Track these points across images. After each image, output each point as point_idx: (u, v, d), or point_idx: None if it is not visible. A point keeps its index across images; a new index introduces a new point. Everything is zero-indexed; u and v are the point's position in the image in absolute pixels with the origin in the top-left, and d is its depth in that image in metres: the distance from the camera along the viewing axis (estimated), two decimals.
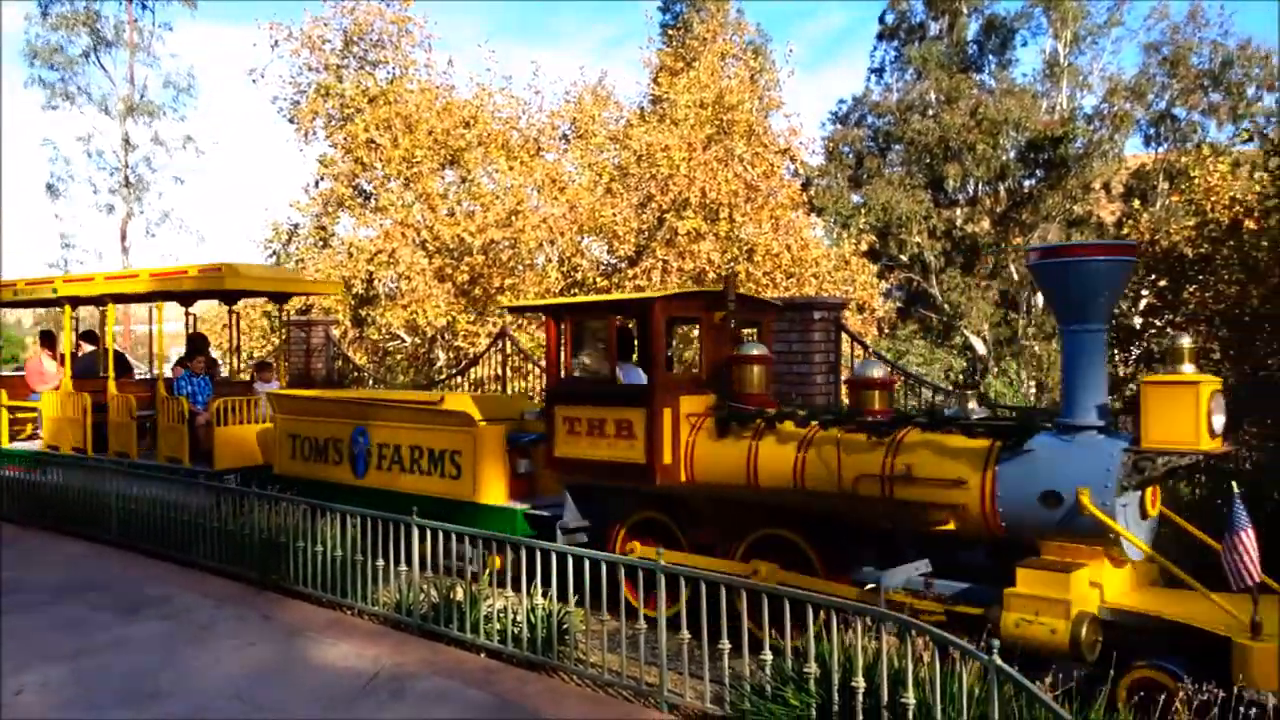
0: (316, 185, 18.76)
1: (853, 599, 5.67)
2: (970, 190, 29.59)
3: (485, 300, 16.57)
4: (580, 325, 7.87)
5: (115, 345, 13.43)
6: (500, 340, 13.93)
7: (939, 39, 30.75)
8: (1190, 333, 6.56)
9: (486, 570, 6.60)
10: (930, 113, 29.07)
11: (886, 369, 7.04)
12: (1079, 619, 5.14)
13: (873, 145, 30.87)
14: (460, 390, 14.47)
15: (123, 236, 30.95)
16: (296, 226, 18.97)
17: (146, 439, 11.63)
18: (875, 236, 24.03)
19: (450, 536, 6.97)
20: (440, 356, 17.62)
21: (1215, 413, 5.26)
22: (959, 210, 29.56)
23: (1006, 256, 28.48)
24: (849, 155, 30.59)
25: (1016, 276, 28.50)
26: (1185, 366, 5.36)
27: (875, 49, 32.93)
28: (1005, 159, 28.35)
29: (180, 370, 11.75)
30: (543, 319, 16.06)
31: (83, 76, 30.55)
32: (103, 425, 11.85)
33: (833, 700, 4.68)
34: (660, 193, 16.22)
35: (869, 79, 33.07)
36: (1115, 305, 5.58)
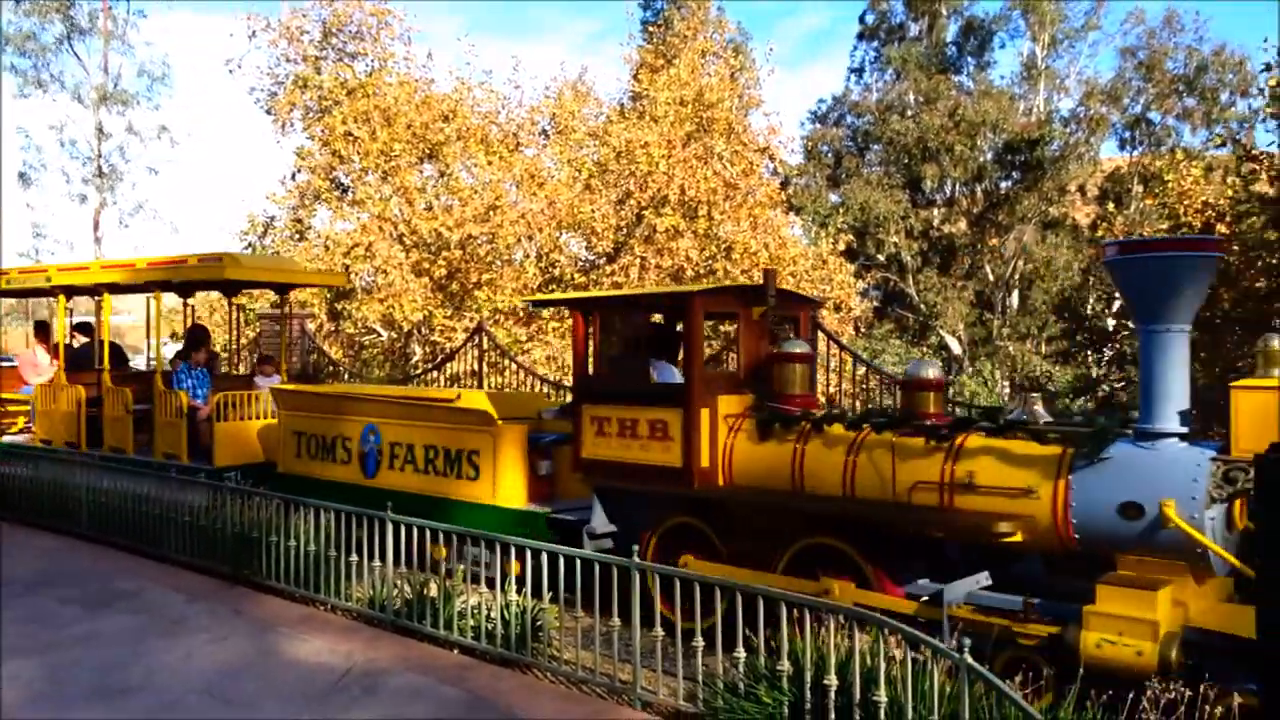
0: (293, 177, 18.63)
1: (911, 615, 5.45)
2: (947, 191, 29.80)
3: (462, 295, 16.52)
4: (610, 320, 7.48)
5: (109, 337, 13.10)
6: (477, 336, 13.89)
7: (918, 40, 30.92)
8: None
9: (509, 576, 6.22)
10: (909, 113, 29.24)
11: (940, 369, 6.61)
12: (1167, 640, 4.80)
13: (852, 145, 31.02)
14: (436, 385, 14.42)
15: (95, 227, 30.61)
16: (272, 219, 18.82)
17: (143, 434, 11.17)
18: (853, 236, 24.18)
19: (467, 541, 6.61)
20: (416, 351, 17.56)
21: None
22: (936, 211, 29.76)
23: (982, 257, 28.71)
24: (828, 154, 30.73)
25: (992, 277, 28.74)
26: (1278, 370, 5.02)
27: (855, 49, 33.13)
28: (982, 160, 28.58)
29: (179, 363, 11.33)
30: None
31: (56, 64, 30.19)
32: (97, 419, 11.40)
33: (805, 698, 4.70)
34: (639, 190, 16.22)
35: (849, 79, 33.26)
36: (1199, 305, 5.26)
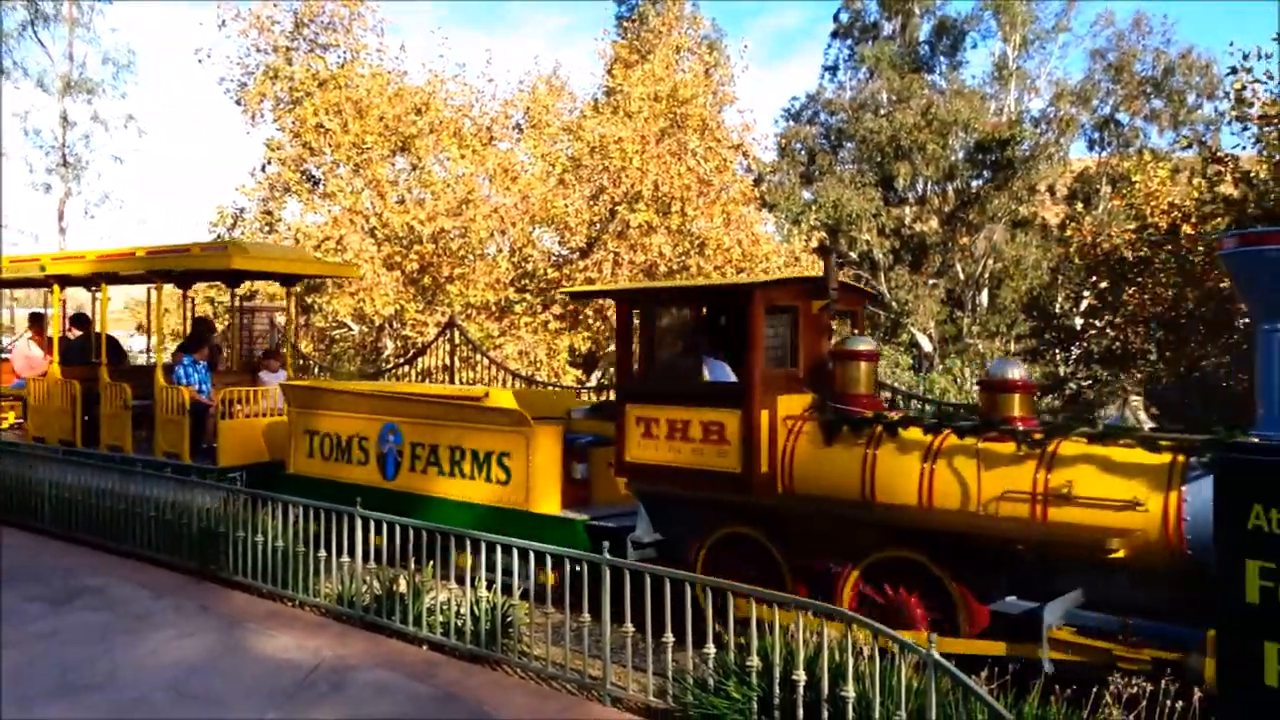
0: (263, 169, 18.44)
1: (1002, 646, 5.15)
2: (919, 189, 30.00)
3: (434, 289, 16.43)
4: (658, 314, 7.03)
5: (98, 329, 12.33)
6: (449, 330, 13.82)
7: (892, 39, 31.09)
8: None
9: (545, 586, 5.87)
10: (882, 112, 29.41)
11: (1026, 369, 6.13)
12: None
13: (825, 142, 31.15)
14: (407, 379, 14.34)
15: (60, 217, 30.13)
16: (242, 211, 18.62)
17: (142, 431, 10.73)
18: (826, 233, 24.29)
19: (495, 549, 6.19)
20: (388, 345, 17.45)
21: None
22: (908, 209, 29.95)
23: (953, 256, 28.94)
24: (801, 152, 30.83)
25: (962, 275, 28.98)
26: None
27: (829, 47, 33.32)
28: (954, 159, 28.80)
29: (181, 357, 10.84)
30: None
31: (19, 51, 29.68)
32: (94, 416, 10.95)
33: (774, 693, 4.73)
34: (613, 185, 16.21)
35: (823, 76, 33.41)
36: None
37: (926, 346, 27.97)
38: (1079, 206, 20.51)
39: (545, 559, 5.90)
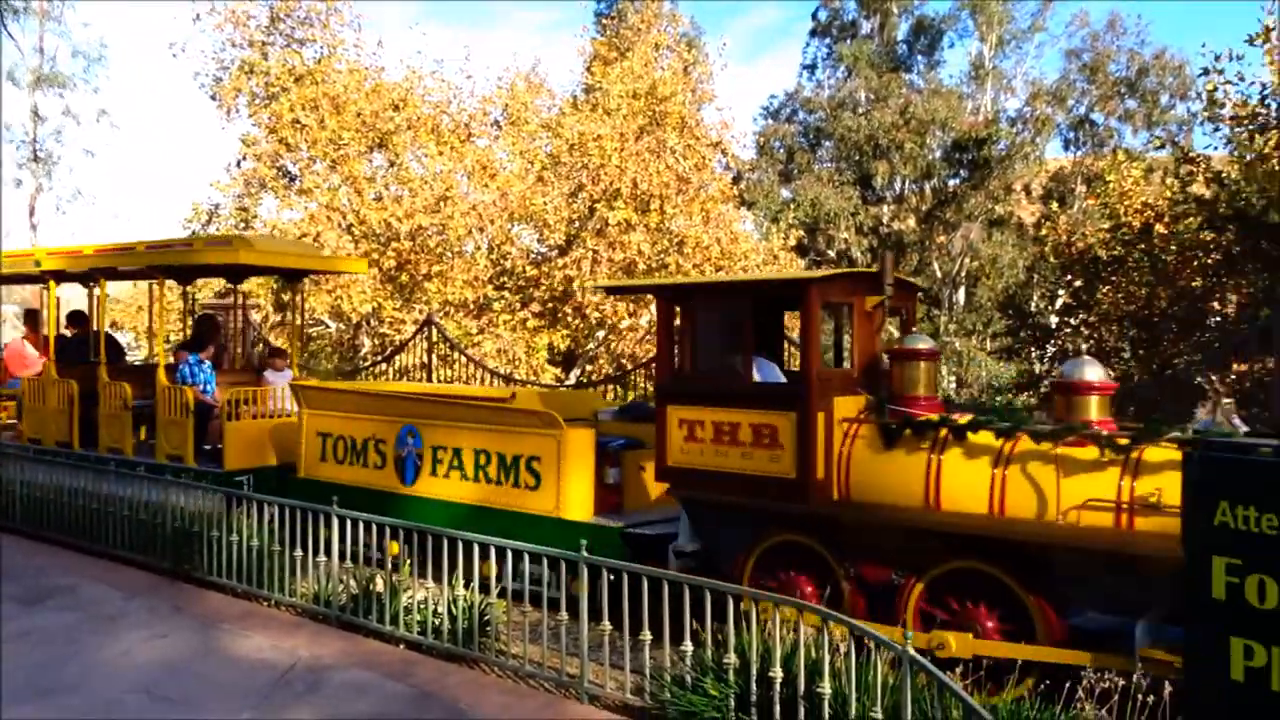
0: (238, 165, 18.27)
1: (1088, 657, 4.91)
2: (897, 188, 30.16)
3: (412, 287, 16.36)
4: (703, 310, 6.69)
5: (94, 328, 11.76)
6: (426, 328, 13.77)
7: (870, 38, 31.22)
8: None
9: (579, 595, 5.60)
10: (860, 110, 29.54)
11: (1105, 370, 5.72)
12: None
13: (804, 141, 31.24)
14: (385, 378, 14.27)
15: (31, 213, 29.76)
16: (217, 207, 18.45)
17: (141, 432, 10.35)
18: (804, 232, 24.38)
19: (523, 557, 6.01)
20: (365, 343, 17.36)
21: None
22: (886, 208, 30.10)
23: (930, 254, 29.12)
24: (780, 150, 30.91)
25: (939, 274, 29.16)
26: None
27: (808, 45, 33.32)
28: (931, 158, 28.97)
29: (184, 356, 10.38)
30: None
31: None
32: (92, 417, 10.54)
33: (751, 690, 4.74)
34: (591, 182, 16.19)
35: (801, 75, 33.47)
36: None
37: None
38: (1054, 206, 20.66)
39: (579, 568, 5.59)
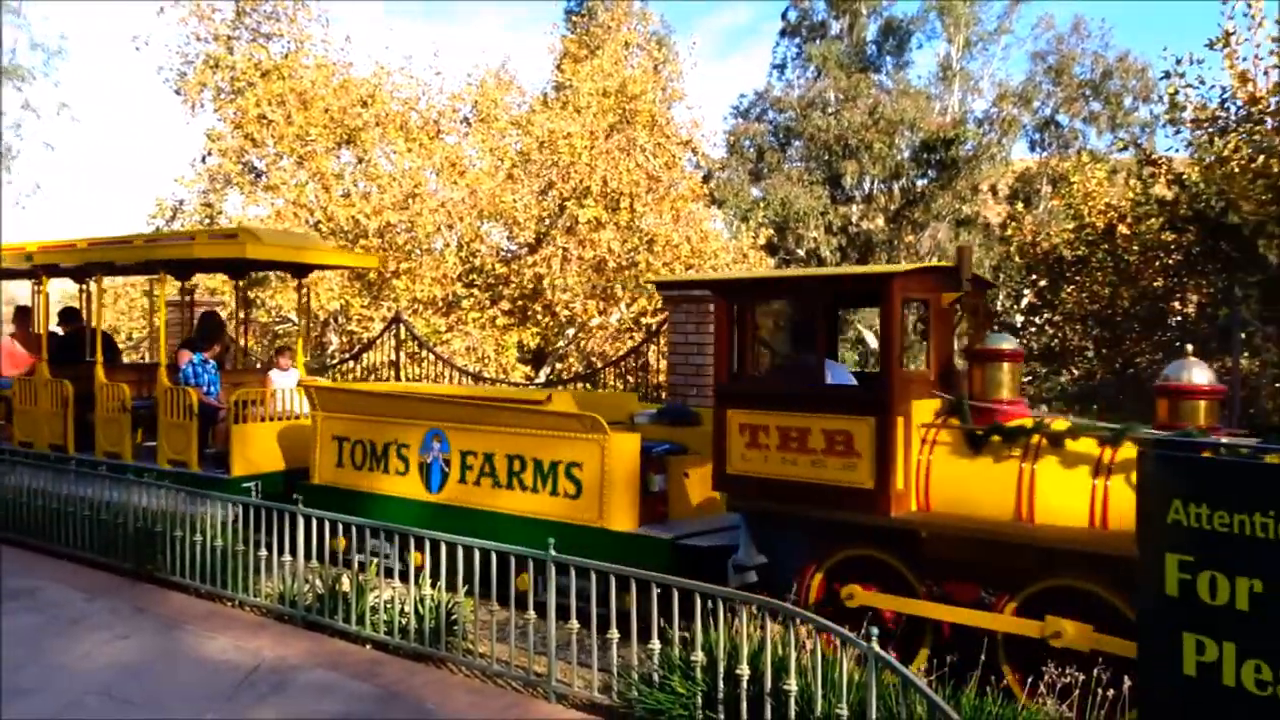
0: (203, 160, 18.04)
1: None
2: (866, 188, 30.36)
3: (380, 284, 16.25)
4: (769, 307, 6.39)
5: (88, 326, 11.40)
6: (395, 325, 13.69)
7: (839, 38, 31.40)
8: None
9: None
10: (830, 110, 29.70)
11: (1213, 373, 5.34)
12: None
13: (773, 140, 31.36)
14: (352, 377, 14.17)
15: None
16: (181, 203, 18.21)
17: (139, 435, 9.94)
18: (774, 231, 24.47)
19: (555, 567, 5.58)
20: (333, 341, 17.21)
21: None
22: (855, 207, 30.29)
23: (899, 254, 29.34)
24: (750, 149, 31.00)
25: None
26: None
27: (778, 45, 33.46)
28: (900, 158, 29.19)
29: (188, 355, 9.92)
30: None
31: None
32: (88, 419, 10.13)
33: (718, 688, 4.76)
34: (561, 180, 16.16)
35: (771, 74, 33.62)
36: None
37: (873, 343, 28.34)
38: (1020, 206, 20.88)
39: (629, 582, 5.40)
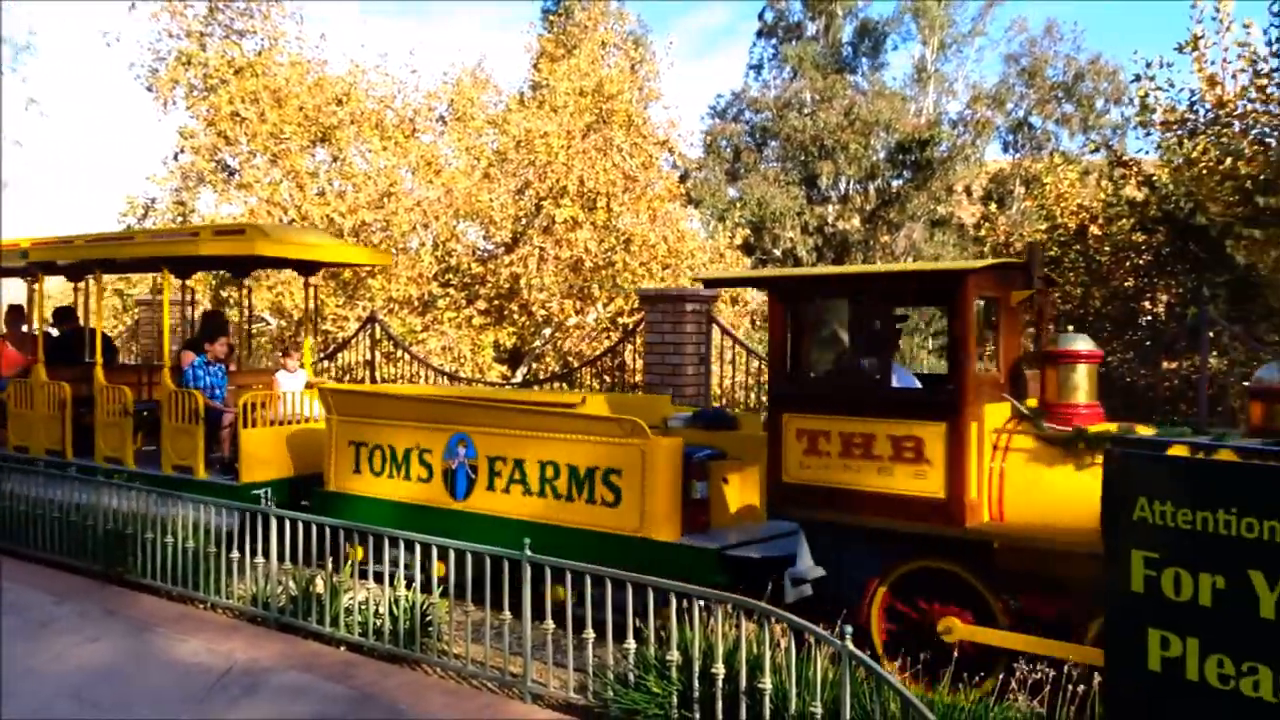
0: (176, 158, 17.87)
1: None
2: (842, 188, 30.52)
3: (355, 283, 16.16)
4: (830, 306, 6.07)
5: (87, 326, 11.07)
6: (370, 325, 13.62)
7: (815, 39, 31.56)
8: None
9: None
10: (806, 111, 29.84)
11: None
12: None
13: (750, 140, 31.47)
14: (327, 377, 14.07)
15: None
16: (153, 200, 18.02)
17: (139, 438, 9.60)
18: (750, 230, 24.53)
19: (606, 583, 5.32)
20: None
21: None
22: (831, 207, 30.45)
23: (874, 254, 29.51)
24: (727, 149, 31.10)
25: None
26: None
27: (754, 46, 33.58)
28: (875, 159, 29.38)
29: (191, 356, 9.51)
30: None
31: None
32: (87, 423, 9.76)
33: (693, 687, 4.77)
34: (538, 179, 16.13)
35: (748, 75, 33.71)
36: None
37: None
38: (993, 207, 21.05)
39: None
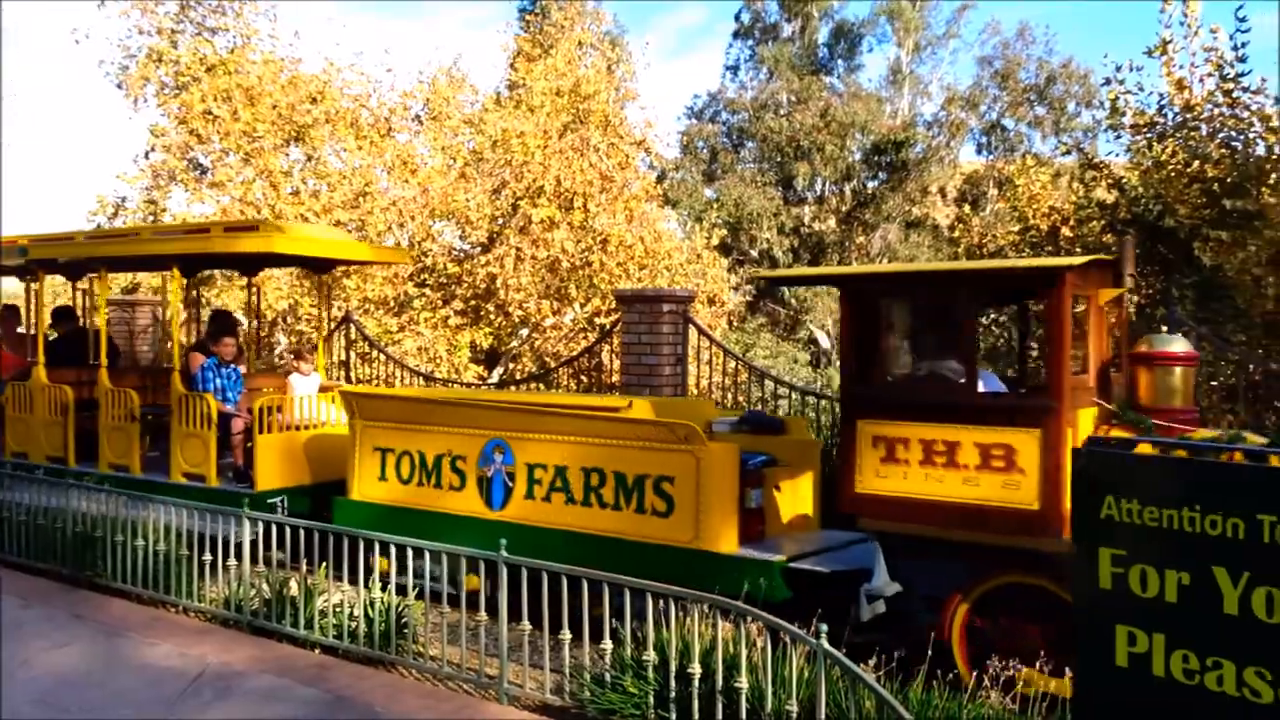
0: (146, 156, 17.66)
1: None
2: (818, 189, 30.65)
3: (330, 283, 16.03)
4: (908, 305, 5.79)
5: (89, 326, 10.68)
6: (344, 325, 13.53)
7: (791, 41, 31.68)
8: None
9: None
10: (782, 112, 29.95)
11: None
12: None
13: (727, 141, 31.53)
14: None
15: None
16: (124, 200, 17.80)
17: (144, 443, 9.29)
18: (727, 231, 24.59)
19: (633, 593, 5.11)
20: (282, 341, 16.95)
21: None
22: (807, 208, 30.57)
23: (850, 254, 29.66)
24: (704, 150, 31.14)
25: None
26: None
27: (731, 46, 33.70)
28: (851, 160, 29.52)
29: (200, 358, 9.14)
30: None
31: None
32: (91, 429, 9.44)
33: (670, 687, 4.77)
34: (515, 179, 16.08)
35: (724, 76, 33.80)
36: None
37: (825, 343, 28.60)
38: (967, 208, 21.26)
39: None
